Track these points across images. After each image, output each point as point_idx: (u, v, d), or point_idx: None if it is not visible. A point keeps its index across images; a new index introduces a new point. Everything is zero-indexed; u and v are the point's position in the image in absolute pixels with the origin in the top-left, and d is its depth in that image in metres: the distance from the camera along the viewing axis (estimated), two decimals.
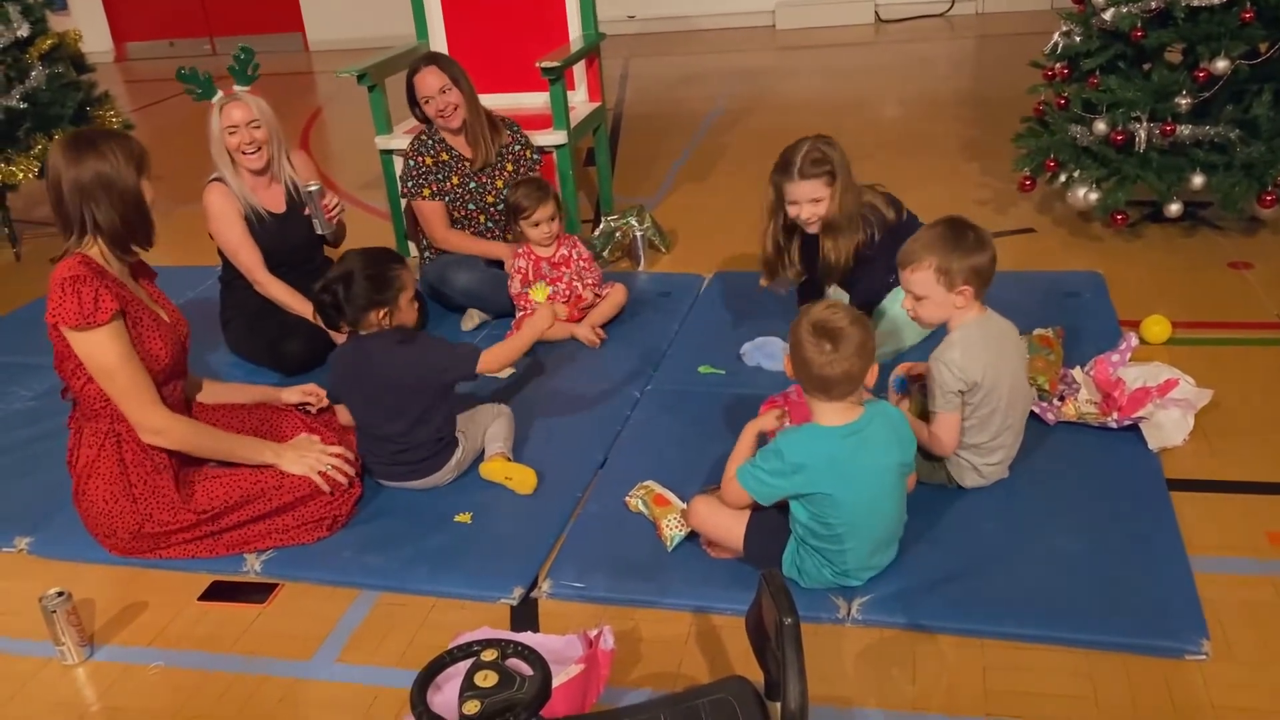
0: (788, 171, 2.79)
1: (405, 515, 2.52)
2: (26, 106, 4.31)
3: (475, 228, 3.63)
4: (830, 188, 2.78)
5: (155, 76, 8.75)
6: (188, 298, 3.86)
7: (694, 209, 4.50)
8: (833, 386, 2.00)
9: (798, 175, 2.77)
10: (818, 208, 2.80)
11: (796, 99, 6.28)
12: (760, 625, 1.57)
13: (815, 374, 1.99)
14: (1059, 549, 2.20)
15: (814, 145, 2.78)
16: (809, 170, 2.76)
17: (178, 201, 5.20)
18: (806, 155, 2.76)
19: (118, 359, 2.30)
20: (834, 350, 1.97)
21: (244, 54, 3.26)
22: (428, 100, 3.46)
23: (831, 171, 2.77)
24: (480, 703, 1.45)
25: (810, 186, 2.77)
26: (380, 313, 2.50)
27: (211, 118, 3.12)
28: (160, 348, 2.39)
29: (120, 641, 2.23)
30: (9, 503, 2.69)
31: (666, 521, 2.33)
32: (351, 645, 2.16)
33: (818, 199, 2.79)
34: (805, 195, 2.79)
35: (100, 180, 2.28)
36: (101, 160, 2.28)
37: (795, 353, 2.02)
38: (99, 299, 2.25)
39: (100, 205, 2.29)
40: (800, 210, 2.81)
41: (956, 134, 5.16)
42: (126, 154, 2.32)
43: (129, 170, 2.31)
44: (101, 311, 2.25)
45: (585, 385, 3.04)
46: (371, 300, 2.48)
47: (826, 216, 2.81)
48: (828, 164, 2.77)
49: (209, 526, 2.40)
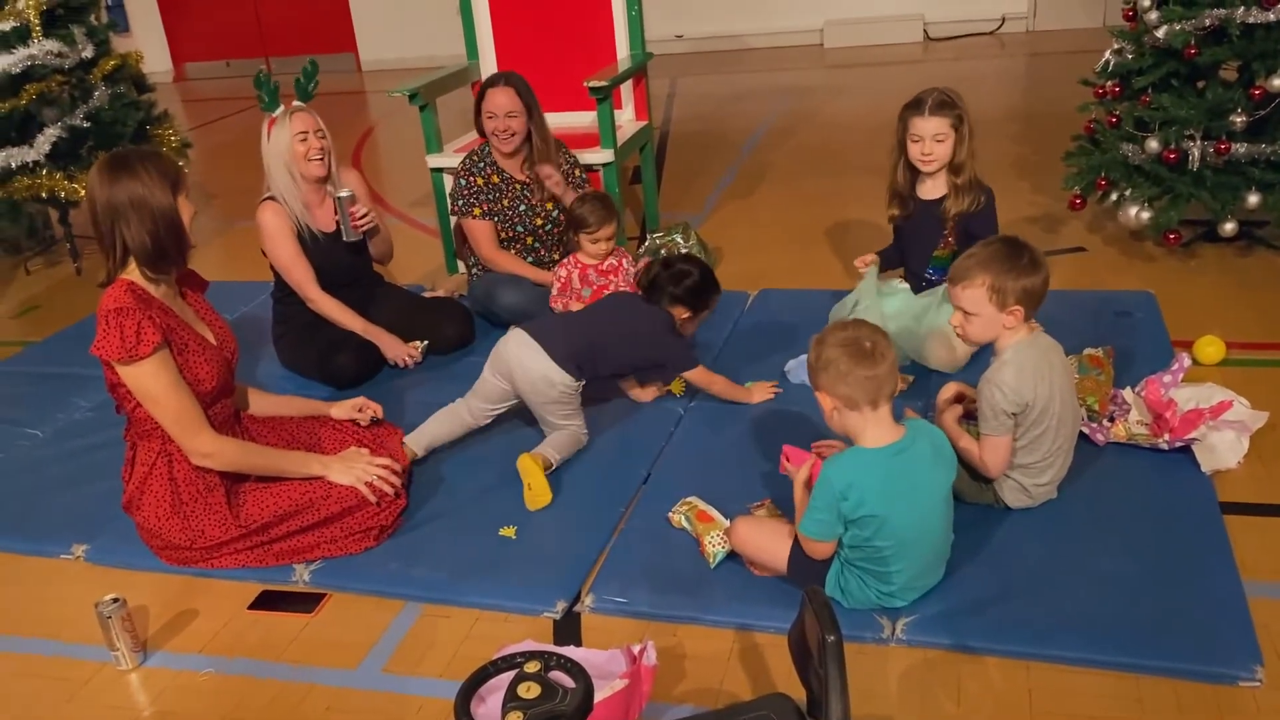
0: (918, 107, 2.98)
1: (451, 528, 2.55)
2: (90, 125, 4.43)
3: (522, 249, 3.66)
4: (955, 130, 2.94)
5: (212, 96, 8.96)
6: (240, 312, 3.94)
7: (739, 226, 4.51)
8: (878, 394, 1.99)
9: (927, 111, 2.94)
10: (940, 146, 2.96)
11: (844, 117, 6.27)
12: (803, 642, 1.57)
13: (858, 385, 1.98)
14: (1108, 571, 2.17)
15: (943, 91, 2.97)
16: (938, 109, 2.93)
17: (231, 219, 5.32)
18: (936, 97, 2.96)
19: (163, 389, 2.33)
20: (872, 357, 1.97)
21: (310, 67, 3.33)
22: (491, 116, 3.50)
23: (960, 115, 2.94)
24: (523, 714, 1.46)
25: (937, 123, 2.95)
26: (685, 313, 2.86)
27: (274, 129, 3.17)
28: (206, 372, 2.42)
29: (172, 648, 2.28)
30: (67, 511, 2.76)
31: (709, 538, 2.33)
32: (397, 656, 2.19)
33: (942, 137, 2.95)
34: (930, 131, 2.96)
35: (133, 201, 2.30)
36: (135, 180, 2.30)
37: (830, 371, 2.01)
38: (141, 332, 2.28)
39: (131, 225, 2.31)
40: (923, 146, 2.97)
41: (1006, 152, 5.13)
42: (161, 172, 2.34)
43: (163, 190, 2.33)
44: (144, 344, 2.28)
45: (629, 401, 3.06)
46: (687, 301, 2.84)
47: (947, 159, 2.96)
48: (956, 108, 2.95)
49: (259, 537, 2.45)
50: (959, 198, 3.02)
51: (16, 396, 3.47)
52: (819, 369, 2.03)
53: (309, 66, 3.33)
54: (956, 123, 2.96)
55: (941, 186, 3.07)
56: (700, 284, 2.83)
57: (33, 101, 4.25)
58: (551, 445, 2.70)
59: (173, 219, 2.35)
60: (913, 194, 3.13)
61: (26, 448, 3.13)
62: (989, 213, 3.06)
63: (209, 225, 5.31)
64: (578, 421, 2.78)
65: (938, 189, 3.08)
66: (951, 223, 3.06)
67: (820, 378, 2.03)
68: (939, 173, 3.06)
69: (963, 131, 2.97)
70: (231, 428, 2.57)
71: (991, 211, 3.07)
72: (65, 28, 4.39)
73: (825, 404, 2.05)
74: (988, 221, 3.04)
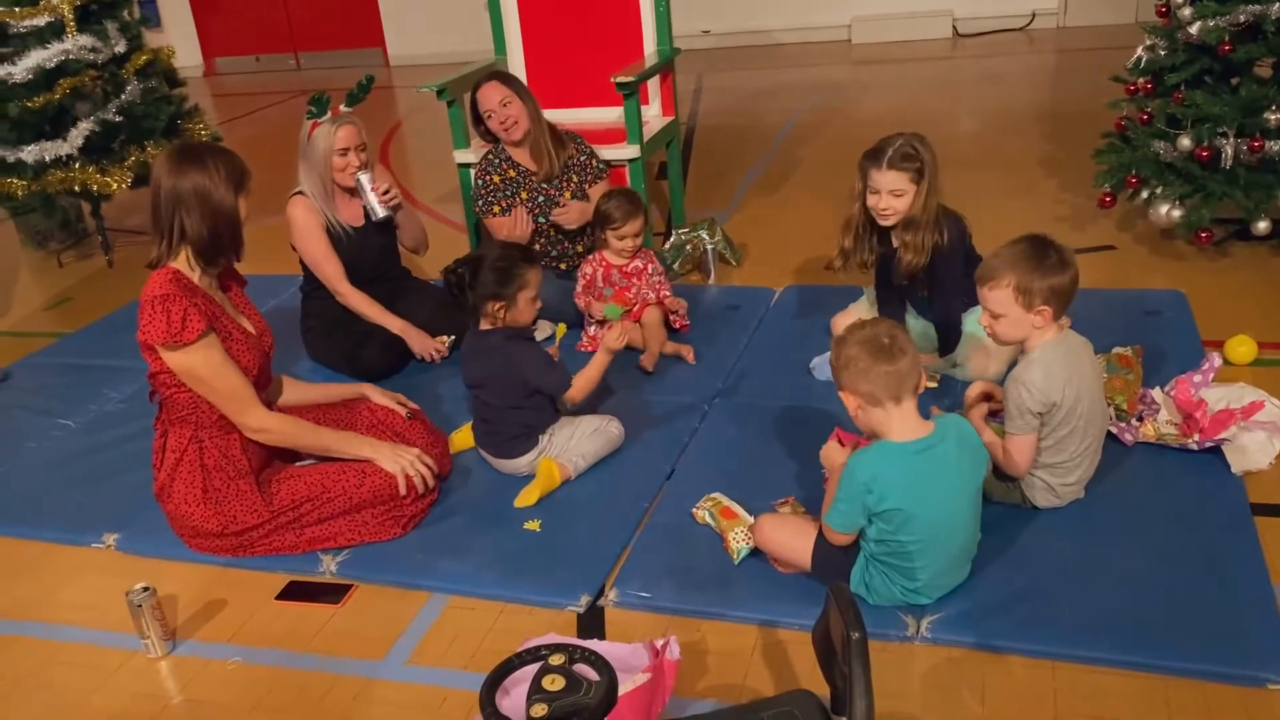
0: (877, 159, 2.80)
1: (477, 521, 2.57)
2: (122, 119, 4.48)
3: (546, 241, 3.67)
4: (915, 185, 2.78)
5: (242, 91, 9.02)
6: (270, 305, 3.97)
7: (765, 222, 4.50)
8: (900, 389, 1.98)
9: (885, 164, 2.78)
10: (897, 201, 2.80)
11: (872, 113, 6.24)
12: (827, 639, 1.57)
13: (880, 381, 1.98)
14: (1136, 572, 2.15)
15: (907, 140, 2.79)
16: (898, 162, 2.77)
17: (261, 213, 5.34)
18: (899, 148, 2.78)
19: (213, 370, 2.38)
20: (892, 352, 1.97)
21: (367, 81, 3.33)
22: (490, 114, 3.53)
23: (920, 169, 2.78)
24: (547, 706, 1.47)
25: (895, 178, 2.78)
26: (497, 305, 2.62)
27: (316, 134, 3.19)
28: (247, 360, 2.46)
29: (201, 637, 2.31)
30: (99, 500, 2.79)
31: (733, 534, 2.33)
32: (422, 647, 2.21)
33: (899, 192, 2.79)
34: (888, 185, 2.79)
35: (198, 192, 2.36)
36: (203, 173, 2.36)
37: (852, 369, 2.01)
38: (187, 318, 2.32)
39: (192, 215, 2.36)
40: (879, 200, 2.82)
41: (1035, 149, 5.09)
42: (229, 170, 2.40)
43: (227, 187, 2.39)
44: (189, 330, 2.32)
45: (654, 396, 3.06)
46: (492, 291, 2.61)
47: (905, 213, 2.81)
48: (917, 160, 2.77)
49: (288, 518, 2.46)
50: (911, 254, 2.83)
51: (49, 388, 3.51)
52: (840, 368, 2.04)
53: (365, 80, 3.34)
54: (916, 177, 2.77)
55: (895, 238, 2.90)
56: (487, 267, 2.61)
57: (66, 96, 4.30)
58: (574, 451, 2.70)
59: (233, 216, 2.42)
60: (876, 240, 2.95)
61: (59, 438, 3.17)
62: (952, 248, 2.84)
63: None
64: (590, 420, 2.78)
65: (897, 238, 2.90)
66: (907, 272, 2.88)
67: (843, 376, 2.04)
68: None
69: (923, 186, 2.77)
70: None
71: (955, 245, 2.84)
72: (98, 23, 4.44)
73: (849, 403, 2.05)
74: (949, 258, 2.84)
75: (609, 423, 2.77)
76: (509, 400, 2.67)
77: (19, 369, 3.67)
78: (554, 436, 2.71)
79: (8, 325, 4.10)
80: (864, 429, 2.09)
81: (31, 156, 4.29)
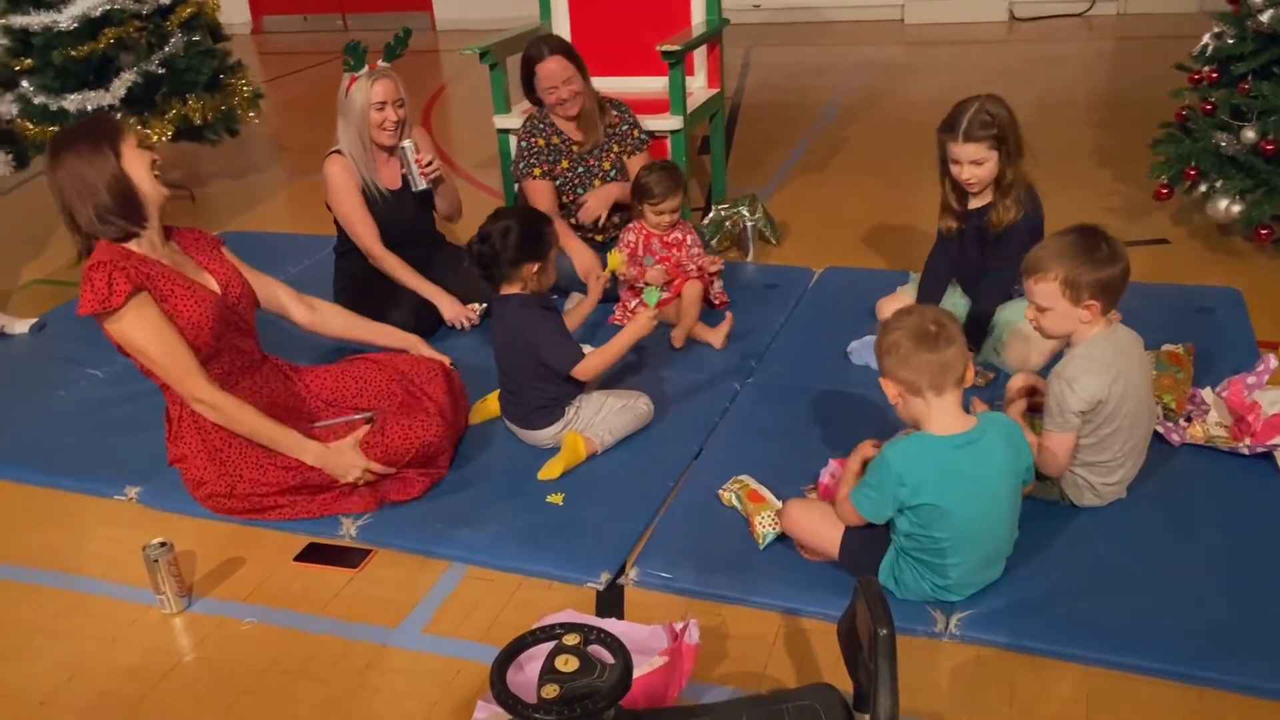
0: (952, 131, 2.73)
1: (498, 492, 2.52)
2: (164, 72, 4.46)
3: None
4: (995, 150, 2.71)
5: (288, 50, 9.00)
6: (303, 265, 3.95)
7: (807, 202, 4.41)
8: (943, 380, 1.91)
9: (962, 137, 2.71)
10: (980, 170, 2.74)
11: (923, 96, 6.10)
12: (853, 633, 1.51)
13: (922, 370, 1.91)
14: (1177, 578, 2.07)
15: (981, 106, 2.71)
16: (975, 132, 2.70)
17: (298, 172, 5.34)
18: (974, 116, 2.69)
19: (145, 336, 2.32)
20: (937, 340, 1.90)
21: (404, 33, 3.28)
22: (551, 89, 3.45)
23: (998, 135, 2.70)
24: (559, 687, 1.42)
25: (973, 149, 2.71)
26: (534, 268, 2.57)
27: (354, 89, 3.14)
28: (198, 315, 2.37)
29: (217, 595, 2.29)
30: (123, 453, 2.78)
31: (760, 518, 2.27)
32: (439, 616, 2.17)
33: (979, 161, 2.73)
34: (968, 156, 2.73)
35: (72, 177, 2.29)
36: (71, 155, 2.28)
37: (894, 355, 1.93)
38: (112, 282, 2.26)
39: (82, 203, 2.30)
40: (962, 171, 2.76)
41: (1089, 139, 4.95)
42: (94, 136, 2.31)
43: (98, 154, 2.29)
44: (115, 295, 2.26)
45: (685, 375, 3.00)
46: (529, 254, 2.56)
47: (992, 178, 2.76)
48: (994, 127, 2.70)
49: (295, 478, 2.42)
50: (1003, 210, 2.79)
51: (79, 336, 3.49)
52: (883, 353, 1.96)
53: (401, 33, 3.28)
54: (995, 144, 2.70)
55: (989, 195, 2.84)
56: (524, 227, 2.56)
57: (110, 46, 4.29)
58: (602, 426, 2.65)
59: (116, 182, 2.31)
60: (964, 209, 2.90)
61: (86, 388, 3.16)
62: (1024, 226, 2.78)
63: (274, 178, 5.34)
64: (621, 394, 2.73)
65: (984, 198, 2.86)
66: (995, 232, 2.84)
67: (884, 362, 1.96)
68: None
69: (1005, 150, 2.71)
70: (254, 374, 2.54)
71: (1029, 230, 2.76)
72: None
73: (889, 391, 1.97)
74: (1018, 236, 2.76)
75: (638, 399, 2.71)
76: (523, 369, 2.62)
77: (53, 318, 3.67)
78: (581, 410, 2.66)
79: (43, 274, 4.11)
80: (904, 419, 2.02)
81: (74, 105, 4.28)
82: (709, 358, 3.09)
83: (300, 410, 2.61)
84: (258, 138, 5.91)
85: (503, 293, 2.64)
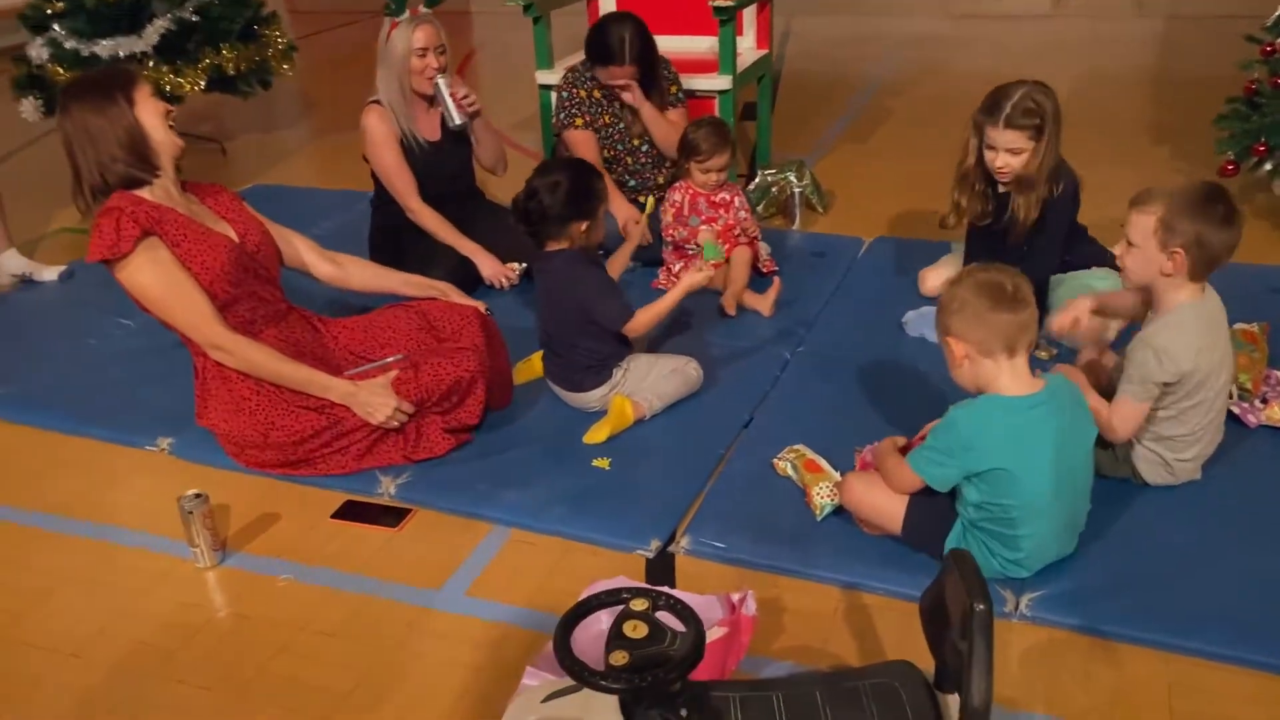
0: (994, 114, 2.59)
1: (544, 454, 2.44)
2: (198, 19, 4.35)
3: (623, 170, 3.52)
4: (1034, 142, 2.57)
5: (318, 9, 8.88)
6: (336, 220, 3.86)
7: (853, 172, 4.29)
8: (1017, 340, 1.81)
9: (1003, 123, 2.56)
10: (1015, 160, 2.60)
11: (968, 69, 5.96)
12: (939, 609, 1.41)
13: (998, 329, 1.80)
14: (1258, 564, 1.97)
15: (1028, 93, 2.56)
16: (1017, 119, 2.56)
17: (327, 129, 5.25)
18: (1019, 103, 2.55)
19: (155, 280, 2.24)
20: (1014, 300, 1.79)
21: None
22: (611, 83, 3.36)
23: (1040, 126, 2.56)
24: (628, 654, 1.33)
25: (1013, 136, 2.57)
26: (582, 226, 2.48)
27: (395, 35, 3.03)
28: (214, 260, 2.29)
29: (252, 550, 2.21)
30: (156, 403, 2.70)
31: (817, 489, 2.18)
32: (482, 580, 2.09)
33: (1017, 150, 2.59)
34: (1005, 144, 2.59)
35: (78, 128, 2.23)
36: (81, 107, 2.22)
37: (965, 314, 1.83)
38: (120, 227, 2.18)
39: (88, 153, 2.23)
40: (996, 158, 2.62)
41: (1145, 115, 4.80)
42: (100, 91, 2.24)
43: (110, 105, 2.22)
44: (124, 240, 2.18)
45: (734, 342, 2.90)
46: (578, 210, 2.46)
47: (1022, 172, 2.60)
48: (1038, 116, 2.56)
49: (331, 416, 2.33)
50: (1024, 213, 2.65)
51: (112, 284, 3.40)
52: (952, 311, 1.85)
53: None
54: (1035, 135, 2.56)
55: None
56: (574, 183, 2.45)
57: None
58: (650, 390, 2.55)
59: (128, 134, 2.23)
60: (986, 196, 2.76)
61: (119, 337, 3.09)
62: (1063, 202, 2.67)
63: (304, 134, 5.24)
64: (670, 359, 2.63)
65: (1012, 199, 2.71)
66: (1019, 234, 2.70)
67: (953, 321, 1.85)
68: None
69: (1042, 143, 2.57)
70: (280, 323, 2.44)
71: (1067, 201, 2.68)
72: None
73: (956, 350, 1.86)
74: (1060, 212, 2.67)
75: (688, 364, 2.62)
76: (570, 327, 2.52)
77: (81, 267, 3.59)
78: (629, 373, 2.56)
79: (73, 221, 4.03)
80: (966, 382, 1.91)
81: (106, 51, 4.18)
82: (757, 325, 2.99)
83: (329, 360, 2.51)
84: (287, 93, 5.81)
85: (548, 249, 2.54)
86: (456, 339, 2.55)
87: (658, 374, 2.58)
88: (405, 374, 2.38)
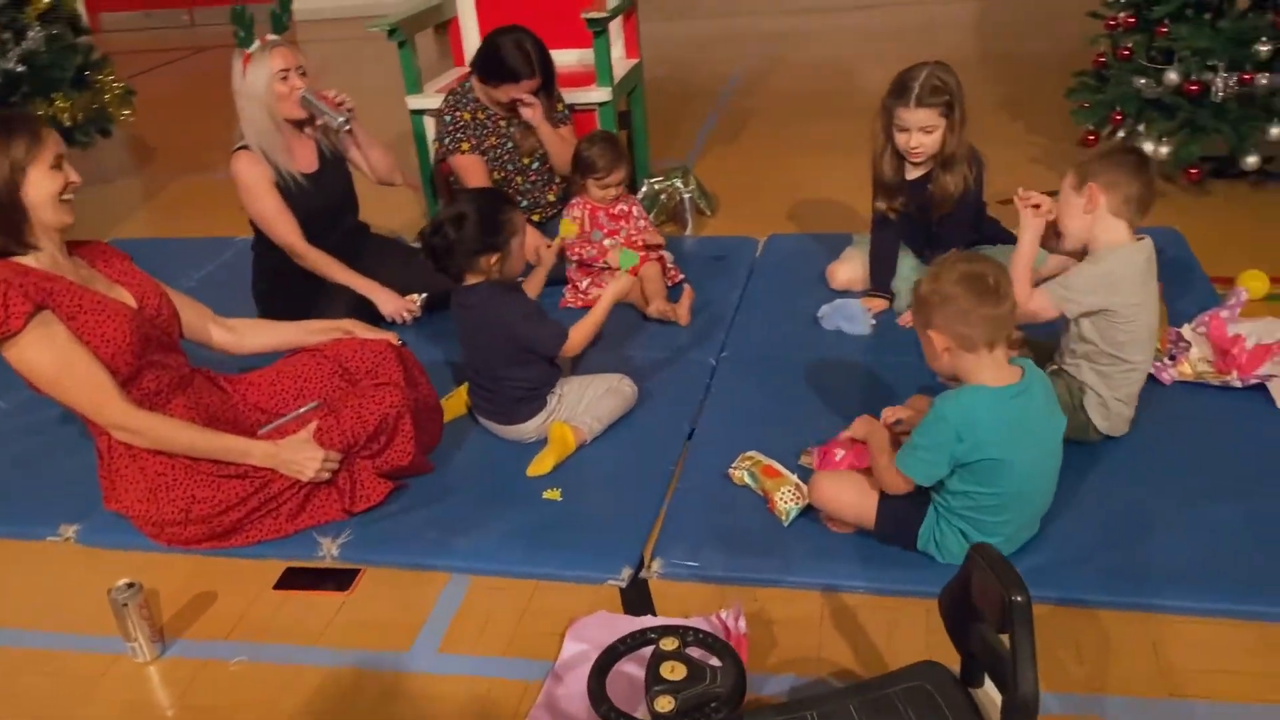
0: (903, 96, 2.64)
1: (489, 493, 2.34)
2: (24, 70, 4.04)
3: (513, 190, 3.44)
4: (945, 119, 2.64)
5: (133, 48, 8.40)
6: (204, 269, 3.65)
7: (729, 172, 4.32)
8: (999, 334, 1.83)
9: (914, 102, 2.61)
10: (928, 138, 2.66)
11: (812, 59, 6.11)
12: (964, 603, 1.41)
13: (984, 324, 1.82)
14: (1211, 515, 2.06)
15: (933, 71, 2.63)
16: (926, 97, 2.61)
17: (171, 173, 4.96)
18: (925, 82, 2.61)
19: (52, 360, 2.04)
20: (996, 294, 1.81)
21: (284, 2, 3.02)
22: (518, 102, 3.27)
23: (949, 102, 2.63)
24: (673, 698, 1.27)
25: (925, 115, 2.63)
26: (492, 259, 2.38)
27: (250, 68, 2.86)
28: (115, 331, 2.09)
29: (193, 635, 2.04)
30: (48, 488, 2.48)
31: (780, 494, 2.16)
32: (453, 633, 1.98)
33: (930, 129, 2.64)
34: (918, 123, 2.64)
35: None
36: None
37: (950, 308, 1.83)
38: (8, 303, 1.97)
39: None
40: (909, 139, 2.67)
41: (993, 94, 5.00)
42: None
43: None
44: (14, 317, 1.97)
45: (654, 353, 2.86)
46: (486, 244, 2.36)
47: (938, 151, 2.67)
48: (946, 93, 2.62)
49: (257, 482, 2.18)
50: (947, 183, 2.71)
51: None
52: (934, 305, 1.85)
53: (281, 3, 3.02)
54: (946, 110, 2.63)
55: (928, 165, 2.76)
56: (481, 215, 2.38)
57: None
58: (587, 413, 2.49)
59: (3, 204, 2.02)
60: (902, 181, 2.81)
61: None
62: (977, 189, 2.77)
63: (149, 181, 4.94)
64: (602, 379, 2.58)
65: (924, 168, 2.78)
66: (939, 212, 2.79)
67: (935, 315, 1.85)
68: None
69: (954, 119, 2.64)
70: (186, 390, 2.26)
71: (978, 189, 2.78)
72: None
73: (936, 343, 1.87)
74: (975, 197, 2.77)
75: (621, 381, 2.56)
76: (502, 360, 2.44)
77: None
78: (563, 398, 2.49)
79: None
80: (944, 372, 1.93)
81: None
82: (675, 334, 2.96)
83: (240, 423, 2.35)
84: (123, 140, 5.47)
85: (467, 283, 2.45)
86: (373, 376, 2.43)
87: (592, 395, 2.52)
88: (326, 421, 2.25)
